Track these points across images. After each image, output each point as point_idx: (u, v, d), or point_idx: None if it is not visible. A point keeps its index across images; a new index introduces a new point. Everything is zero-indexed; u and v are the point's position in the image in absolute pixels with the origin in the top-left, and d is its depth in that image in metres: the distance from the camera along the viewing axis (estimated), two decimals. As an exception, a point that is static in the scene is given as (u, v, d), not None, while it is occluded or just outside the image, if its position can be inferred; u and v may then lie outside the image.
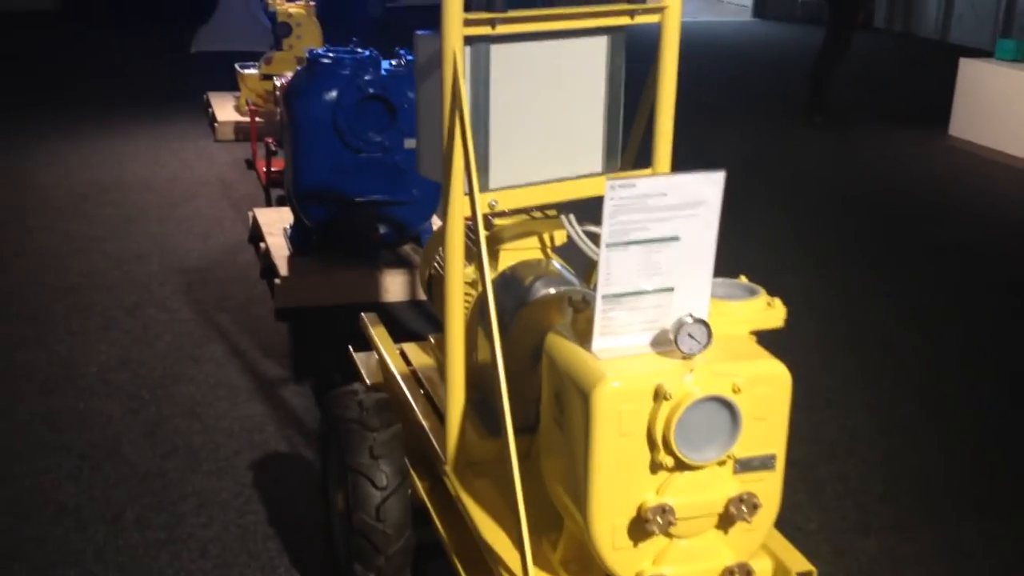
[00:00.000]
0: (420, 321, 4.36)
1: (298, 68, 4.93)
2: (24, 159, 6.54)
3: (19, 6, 12.43)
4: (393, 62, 4.72)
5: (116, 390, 3.74)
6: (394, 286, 4.69)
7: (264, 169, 6.25)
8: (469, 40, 2.25)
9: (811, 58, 8.63)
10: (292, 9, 7.30)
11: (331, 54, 4.65)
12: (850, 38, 8.46)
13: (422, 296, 4.64)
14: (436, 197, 4.77)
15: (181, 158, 6.75)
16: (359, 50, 4.71)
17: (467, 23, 2.19)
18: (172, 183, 6.21)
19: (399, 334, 3.25)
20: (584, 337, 1.87)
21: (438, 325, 2.54)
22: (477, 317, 2.54)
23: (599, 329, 1.83)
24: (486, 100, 2.36)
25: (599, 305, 1.82)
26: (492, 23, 2.27)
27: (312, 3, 7.41)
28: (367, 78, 4.55)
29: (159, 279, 4.78)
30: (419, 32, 2.43)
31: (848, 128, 8.25)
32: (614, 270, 1.81)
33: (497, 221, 2.62)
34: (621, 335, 1.85)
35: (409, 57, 4.71)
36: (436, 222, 4.82)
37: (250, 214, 5.42)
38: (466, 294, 2.46)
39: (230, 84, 8.50)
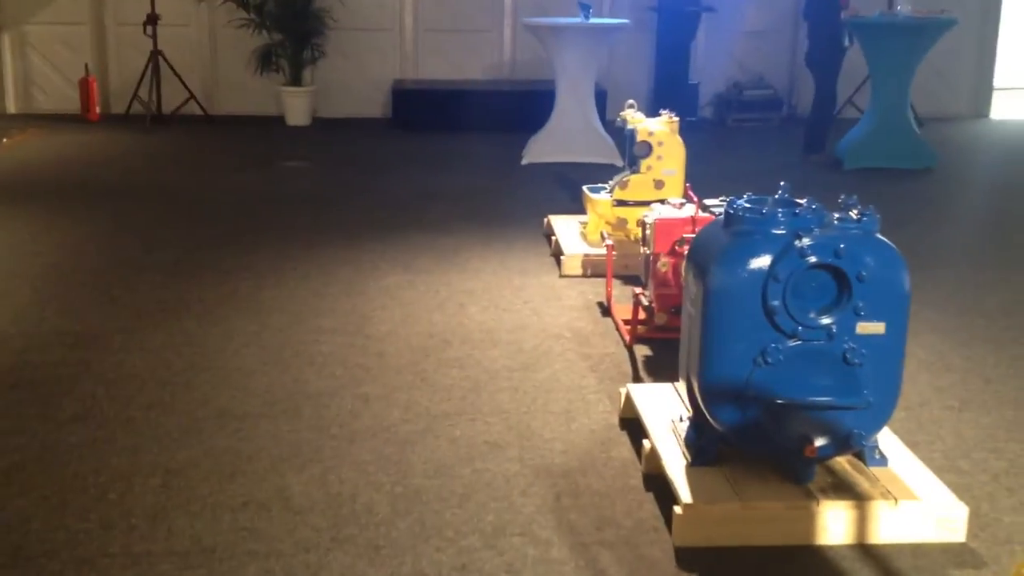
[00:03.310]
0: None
1: (710, 222, 3.84)
2: (358, 299, 5.80)
3: (355, 111, 12.34)
4: (838, 215, 3.53)
5: None
6: (836, 523, 3.44)
7: (627, 324, 5.21)
8: None
9: None
10: (654, 127, 6.30)
11: (758, 206, 3.53)
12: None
13: (871, 539, 3.38)
14: (894, 402, 3.50)
15: (525, 299, 5.83)
16: (797, 200, 3.56)
17: None
18: (519, 335, 5.26)
19: None
20: None
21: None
22: None
23: None
24: None
25: None
26: None
27: (675, 119, 6.39)
28: (811, 241, 3.38)
29: (520, 485, 3.75)
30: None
31: None
32: None
33: None
34: None
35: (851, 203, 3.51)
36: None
37: (622, 391, 4.35)
38: None
39: (571, 205, 7.64)
